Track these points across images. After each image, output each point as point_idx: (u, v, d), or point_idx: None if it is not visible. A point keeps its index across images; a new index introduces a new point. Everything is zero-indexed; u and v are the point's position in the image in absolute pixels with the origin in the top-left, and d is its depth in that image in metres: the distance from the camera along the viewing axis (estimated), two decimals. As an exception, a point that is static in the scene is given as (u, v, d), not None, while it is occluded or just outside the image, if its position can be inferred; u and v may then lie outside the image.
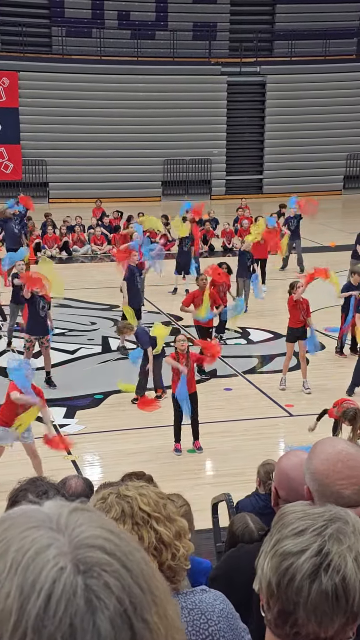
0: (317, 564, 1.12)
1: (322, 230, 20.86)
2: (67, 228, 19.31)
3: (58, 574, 0.58)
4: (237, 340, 12.38)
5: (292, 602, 1.13)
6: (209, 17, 29.01)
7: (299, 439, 8.54)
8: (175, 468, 7.96)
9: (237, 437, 8.84)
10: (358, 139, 28.27)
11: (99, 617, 0.58)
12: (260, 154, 28.53)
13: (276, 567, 1.15)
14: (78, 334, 12.65)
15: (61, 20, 27.92)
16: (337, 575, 1.12)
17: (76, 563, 0.59)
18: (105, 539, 0.62)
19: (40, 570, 0.58)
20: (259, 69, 28.17)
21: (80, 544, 0.61)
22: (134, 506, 1.77)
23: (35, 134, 25.96)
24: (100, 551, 0.61)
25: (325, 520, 1.18)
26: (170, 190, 27.26)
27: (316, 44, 28.98)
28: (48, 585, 0.58)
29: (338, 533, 1.16)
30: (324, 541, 1.14)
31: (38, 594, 0.57)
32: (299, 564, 1.13)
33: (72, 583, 0.58)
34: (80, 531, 0.62)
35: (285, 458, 2.30)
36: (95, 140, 26.35)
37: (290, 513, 1.21)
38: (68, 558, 0.60)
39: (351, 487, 1.74)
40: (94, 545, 0.61)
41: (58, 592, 0.57)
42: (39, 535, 0.61)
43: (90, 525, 0.63)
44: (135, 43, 27.61)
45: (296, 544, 1.15)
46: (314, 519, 1.18)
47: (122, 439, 8.81)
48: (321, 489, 1.75)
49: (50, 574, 0.58)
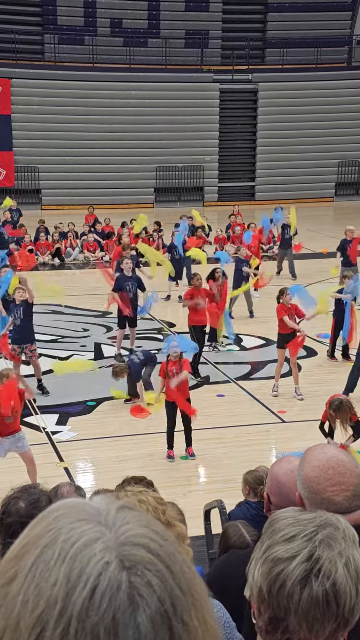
0: (308, 569, 1.13)
1: (314, 237, 20.94)
2: (60, 234, 19.31)
3: (104, 568, 0.60)
4: (229, 346, 12.40)
5: (283, 608, 1.13)
6: (201, 24, 29.15)
7: (292, 446, 8.55)
8: (167, 475, 7.95)
9: (229, 444, 8.84)
10: (349, 146, 28.43)
11: (140, 615, 0.59)
12: (253, 161, 28.63)
13: (267, 573, 1.15)
14: (71, 341, 12.63)
15: (54, 27, 27.99)
16: (328, 580, 1.12)
17: (121, 559, 0.61)
18: (150, 538, 0.64)
19: (87, 562, 0.60)
20: (251, 76, 28.30)
21: (126, 541, 0.62)
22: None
23: (28, 140, 25.97)
24: (144, 550, 0.62)
25: (316, 526, 1.18)
26: (163, 197, 27.31)
27: (307, 52, 29.16)
28: (94, 578, 0.59)
29: (328, 539, 1.16)
30: (314, 547, 1.14)
31: (84, 584, 0.59)
32: (289, 569, 1.13)
33: (117, 578, 0.60)
34: (127, 528, 0.64)
35: (278, 464, 2.30)
36: (87, 147, 26.39)
37: (281, 519, 1.21)
38: (114, 554, 0.61)
39: (342, 493, 1.74)
40: (139, 544, 0.63)
41: (103, 586, 0.59)
42: (88, 529, 0.63)
43: (137, 523, 0.65)
44: (127, 50, 27.70)
45: (287, 549, 1.15)
46: (305, 524, 1.18)
47: (114, 445, 8.79)
48: (312, 496, 1.76)
49: (96, 567, 0.60)
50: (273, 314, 11.02)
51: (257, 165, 28.43)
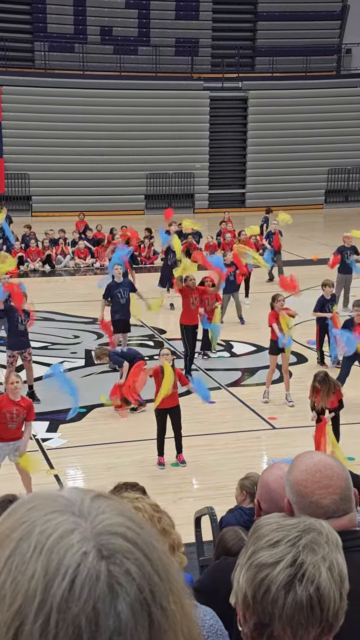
0: (292, 574, 1.13)
1: (304, 244, 21.02)
2: (50, 241, 19.29)
3: (82, 558, 0.60)
4: (220, 353, 12.41)
5: (267, 614, 1.12)
6: (191, 33, 29.30)
7: (282, 452, 8.55)
8: (158, 482, 7.93)
9: (220, 451, 8.83)
10: (339, 154, 28.60)
11: (120, 603, 0.59)
12: (243, 168, 28.74)
13: (251, 579, 1.15)
14: (61, 348, 12.60)
15: (44, 35, 28.05)
16: (312, 585, 1.12)
17: (99, 549, 0.61)
18: (127, 527, 0.64)
19: (64, 553, 0.60)
20: (240, 84, 28.44)
21: (102, 531, 0.63)
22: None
23: (18, 147, 25.96)
24: (122, 539, 0.62)
25: (299, 531, 1.18)
26: (154, 204, 27.35)
27: (297, 60, 29.35)
28: (73, 569, 0.59)
29: (312, 543, 1.16)
30: (298, 552, 1.14)
31: (63, 576, 0.59)
32: (273, 575, 1.13)
33: (96, 568, 0.60)
34: (104, 518, 0.64)
35: (268, 471, 2.31)
36: (78, 154, 26.41)
37: (264, 525, 1.21)
38: (91, 544, 0.61)
39: (329, 496, 1.75)
40: (117, 533, 0.63)
41: (83, 576, 0.59)
42: (63, 520, 0.62)
43: (113, 512, 0.65)
44: (117, 58, 27.78)
45: (271, 555, 1.15)
46: (288, 530, 1.18)
47: (105, 453, 8.77)
48: (300, 499, 1.76)
49: (75, 558, 0.60)
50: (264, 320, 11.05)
51: (247, 172, 28.54)
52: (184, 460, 8.48)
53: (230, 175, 28.82)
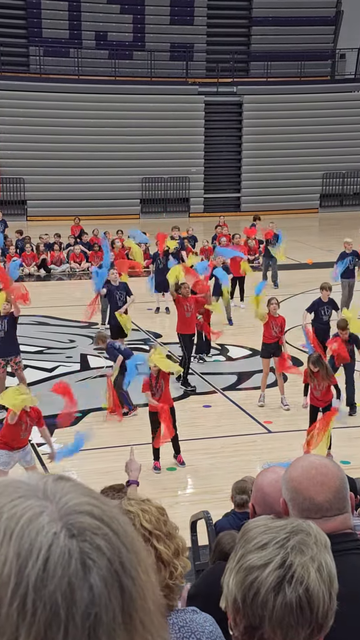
0: (281, 576, 1.13)
1: (299, 248, 21.06)
2: (46, 245, 19.28)
3: (53, 539, 0.63)
4: (216, 357, 12.41)
5: (257, 617, 1.13)
6: (186, 38, 29.38)
7: (278, 456, 8.56)
8: (154, 486, 7.92)
9: (216, 455, 8.83)
10: (333, 158, 28.69)
11: (93, 577, 0.63)
12: (238, 172, 28.80)
13: (241, 582, 1.15)
14: (56, 352, 12.59)
15: (39, 39, 28.08)
16: (301, 586, 1.12)
17: (68, 528, 0.64)
18: (92, 505, 0.67)
19: (35, 536, 0.62)
20: (235, 89, 28.52)
21: (69, 511, 0.65)
22: (136, 523, 1.76)
23: (13, 152, 25.96)
24: (89, 516, 0.65)
25: (287, 532, 1.18)
26: (149, 208, 27.38)
27: (291, 65, 29.46)
28: (45, 550, 0.62)
29: (300, 545, 1.16)
30: (286, 553, 1.15)
31: (36, 558, 0.61)
32: (263, 577, 1.13)
33: (67, 546, 0.63)
34: (69, 498, 0.66)
35: (263, 475, 2.31)
36: (73, 158, 26.42)
37: (253, 528, 1.21)
38: (60, 524, 0.64)
39: (323, 494, 1.76)
40: (83, 511, 0.66)
41: (55, 555, 0.62)
42: (29, 504, 0.65)
43: (77, 492, 0.68)
44: (112, 63, 27.83)
45: (260, 557, 1.15)
46: (277, 532, 1.18)
47: (101, 457, 8.76)
48: (294, 496, 1.77)
49: (45, 539, 0.62)
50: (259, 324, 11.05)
51: (242, 176, 28.60)
52: (184, 461, 8.48)
53: (225, 180, 28.87)
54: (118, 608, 0.63)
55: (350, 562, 1.74)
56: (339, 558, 1.75)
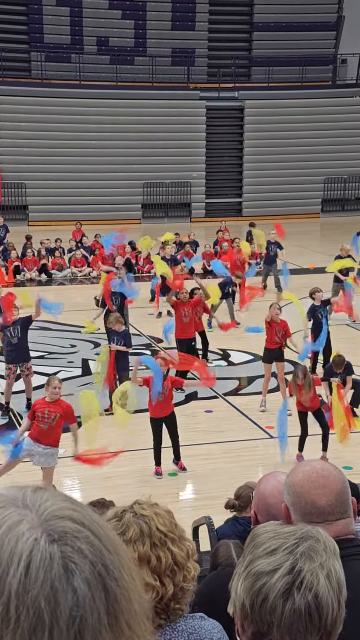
0: (290, 582, 1.12)
1: (301, 253, 21.06)
2: (47, 250, 19.29)
3: (34, 544, 0.63)
4: (217, 362, 12.40)
5: (266, 623, 1.11)
6: (188, 43, 29.45)
7: (279, 461, 8.54)
8: (155, 491, 7.89)
9: (217, 460, 8.81)
10: (335, 163, 28.71)
11: (76, 580, 0.63)
12: (239, 177, 28.83)
13: (249, 587, 1.14)
14: (58, 357, 12.58)
15: (40, 45, 28.16)
16: (310, 593, 1.11)
17: (49, 533, 0.64)
18: (72, 509, 0.67)
19: (15, 543, 0.63)
20: (237, 94, 28.58)
21: (50, 516, 0.66)
22: (152, 526, 1.76)
23: (15, 157, 26.01)
24: (70, 521, 0.66)
25: (297, 538, 1.17)
26: (151, 213, 27.40)
27: (293, 70, 29.51)
28: (26, 556, 0.62)
29: (309, 551, 1.15)
30: (295, 559, 1.14)
31: (17, 564, 0.62)
32: (271, 583, 1.12)
33: (49, 551, 0.63)
34: (49, 505, 0.67)
35: (264, 480, 2.30)
36: (74, 163, 26.47)
37: (262, 533, 1.20)
38: (39, 530, 0.64)
39: (325, 497, 1.75)
40: (64, 516, 0.66)
41: (36, 560, 0.62)
42: (9, 513, 0.65)
43: (56, 499, 0.68)
44: (114, 68, 27.90)
45: (269, 563, 1.14)
46: (286, 537, 1.17)
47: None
48: (296, 500, 1.76)
49: (26, 546, 0.63)
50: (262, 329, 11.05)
51: (244, 181, 28.63)
52: (185, 467, 8.45)
53: (227, 185, 28.90)
54: (103, 610, 0.63)
55: (353, 568, 1.72)
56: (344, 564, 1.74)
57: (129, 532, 1.73)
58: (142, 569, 1.73)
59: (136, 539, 1.72)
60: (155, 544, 1.73)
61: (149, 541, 1.73)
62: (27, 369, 9.96)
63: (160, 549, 1.73)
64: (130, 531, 1.73)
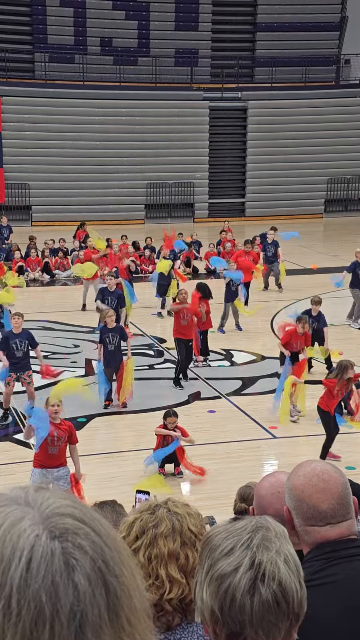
0: (253, 577, 1.13)
1: (304, 253, 21.05)
2: (51, 251, 19.30)
3: (35, 540, 0.64)
4: (220, 362, 12.40)
5: (237, 622, 1.12)
6: (191, 43, 29.45)
7: (283, 461, 8.54)
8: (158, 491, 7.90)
9: (220, 460, 8.81)
10: (338, 164, 28.68)
11: (77, 575, 0.64)
12: (243, 178, 28.82)
13: (215, 592, 1.15)
14: (61, 357, 12.60)
15: (44, 45, 28.19)
16: (274, 582, 1.13)
17: (51, 530, 0.65)
18: (73, 507, 0.68)
19: (17, 539, 0.64)
20: (240, 94, 28.57)
21: (51, 514, 0.67)
22: (184, 525, 1.78)
23: (18, 157, 26.04)
24: (71, 518, 0.67)
25: (249, 532, 1.19)
26: (154, 214, 27.41)
27: (296, 70, 29.49)
28: (27, 551, 0.63)
29: (264, 541, 1.17)
30: (253, 553, 1.15)
31: (19, 559, 0.63)
32: (235, 582, 1.13)
33: (50, 547, 0.64)
34: (50, 503, 0.68)
35: (263, 479, 2.31)
36: (78, 163, 26.49)
37: (214, 535, 1.22)
38: (41, 527, 0.65)
39: (327, 501, 1.75)
40: (64, 514, 0.67)
41: (38, 556, 0.63)
42: (11, 510, 0.66)
43: (58, 497, 0.69)
44: (117, 69, 27.92)
45: (229, 563, 1.15)
46: (239, 534, 1.19)
47: (105, 462, 8.74)
48: (298, 504, 1.77)
49: (27, 541, 0.64)
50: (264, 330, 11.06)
51: (247, 181, 28.62)
52: (181, 471, 8.46)
53: (230, 185, 28.90)
54: (104, 605, 0.64)
55: (356, 569, 1.73)
56: (345, 564, 1.74)
57: (160, 526, 1.76)
58: (170, 565, 1.76)
59: (167, 535, 1.75)
60: (185, 543, 1.75)
61: (180, 539, 1.75)
62: (28, 376, 9.95)
63: (189, 548, 1.75)
64: (162, 526, 1.76)
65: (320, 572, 1.70)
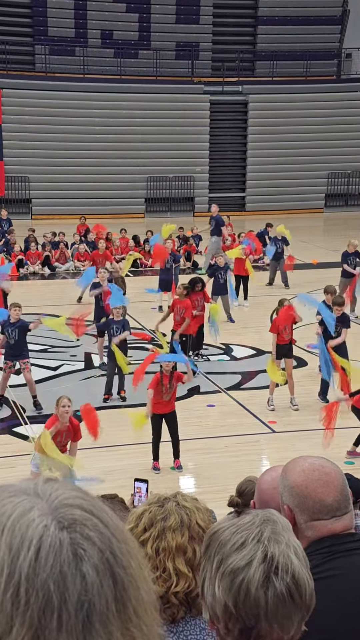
0: (267, 570, 1.13)
1: (305, 248, 21.02)
2: (52, 244, 19.27)
3: (44, 530, 0.65)
4: (220, 356, 12.40)
5: (252, 616, 1.12)
6: (192, 37, 29.35)
7: (282, 456, 8.54)
8: (155, 486, 7.88)
9: (219, 454, 8.82)
10: (339, 158, 28.63)
11: (85, 566, 0.65)
12: (243, 172, 28.77)
13: (229, 586, 1.14)
14: (60, 350, 12.59)
15: (44, 38, 28.09)
16: (287, 575, 1.13)
17: (59, 520, 0.66)
18: (82, 499, 0.70)
19: (26, 528, 0.65)
20: (241, 88, 28.48)
21: (60, 504, 0.68)
22: (192, 519, 1.79)
23: (19, 150, 25.98)
24: (79, 509, 0.68)
25: (258, 526, 1.19)
26: (154, 207, 27.37)
27: (297, 64, 29.40)
28: (36, 540, 0.64)
29: (274, 534, 1.17)
30: (265, 546, 1.15)
31: (28, 548, 0.64)
32: (249, 575, 1.13)
33: (58, 537, 0.65)
34: (59, 494, 0.69)
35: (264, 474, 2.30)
36: (78, 157, 26.43)
37: (222, 530, 1.21)
38: (50, 517, 0.66)
39: (331, 494, 1.75)
40: (73, 505, 0.68)
41: (46, 546, 0.64)
42: (20, 501, 0.67)
43: (66, 489, 0.70)
44: (118, 62, 27.83)
45: (242, 557, 1.15)
46: (248, 528, 1.19)
47: (104, 456, 8.75)
48: (302, 501, 1.75)
49: (36, 531, 0.65)
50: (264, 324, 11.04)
51: (247, 176, 28.56)
52: (181, 465, 8.45)
53: (230, 179, 28.84)
54: (111, 596, 0.65)
55: (355, 563, 1.73)
56: (346, 558, 1.74)
57: (169, 519, 1.76)
58: (178, 558, 1.77)
59: (175, 528, 1.75)
60: (193, 537, 1.76)
61: (188, 533, 1.76)
62: (24, 363, 10.03)
63: (196, 542, 1.76)
64: (171, 519, 1.77)
65: (320, 566, 1.70)
